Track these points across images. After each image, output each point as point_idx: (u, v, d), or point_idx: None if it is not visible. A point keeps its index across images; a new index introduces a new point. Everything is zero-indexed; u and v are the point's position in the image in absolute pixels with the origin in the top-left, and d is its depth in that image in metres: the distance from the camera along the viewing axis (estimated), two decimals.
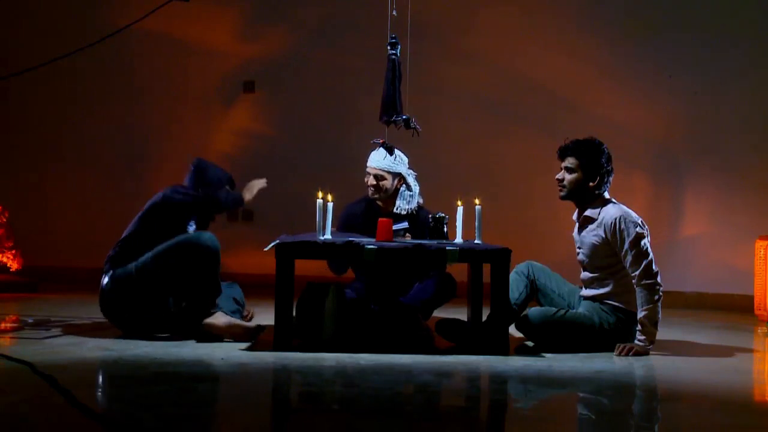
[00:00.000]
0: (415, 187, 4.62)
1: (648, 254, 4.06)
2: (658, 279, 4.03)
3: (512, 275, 4.24)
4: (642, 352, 3.98)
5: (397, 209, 4.57)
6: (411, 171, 4.63)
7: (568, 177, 4.24)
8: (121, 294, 4.12)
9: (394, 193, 4.58)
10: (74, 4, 7.18)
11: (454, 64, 6.85)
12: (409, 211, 4.58)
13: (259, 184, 4.66)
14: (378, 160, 4.54)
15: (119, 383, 3.39)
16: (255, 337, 4.06)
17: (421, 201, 4.66)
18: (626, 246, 4.07)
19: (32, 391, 3.02)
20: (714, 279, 6.44)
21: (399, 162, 4.55)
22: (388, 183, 4.55)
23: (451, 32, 6.91)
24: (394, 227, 4.32)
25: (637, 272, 4.03)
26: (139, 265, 4.11)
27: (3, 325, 4.62)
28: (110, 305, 4.17)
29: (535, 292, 4.40)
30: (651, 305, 3.99)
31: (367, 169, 4.58)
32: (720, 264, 6.46)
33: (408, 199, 4.59)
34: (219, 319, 4.08)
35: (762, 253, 5.52)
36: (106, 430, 2.53)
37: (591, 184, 4.22)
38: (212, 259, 4.10)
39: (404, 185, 4.59)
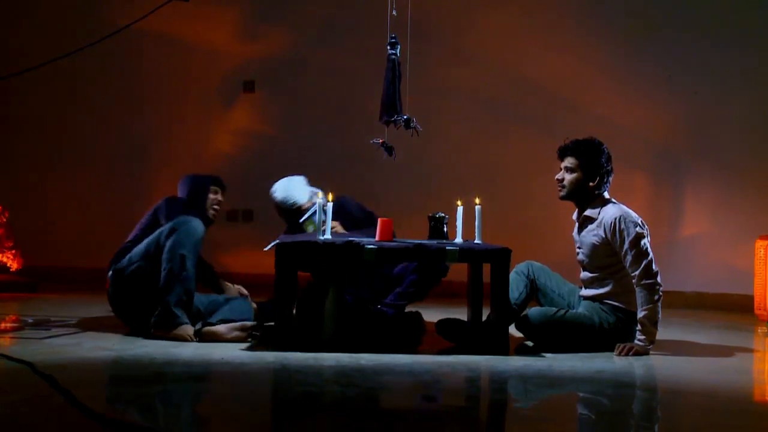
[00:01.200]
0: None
1: (648, 254, 4.06)
2: (658, 279, 4.03)
3: (512, 275, 4.24)
4: (642, 352, 3.98)
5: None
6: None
7: (568, 177, 4.24)
8: (125, 279, 4.22)
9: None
10: (74, 4, 7.18)
11: (454, 64, 6.85)
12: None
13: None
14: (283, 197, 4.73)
15: (119, 383, 3.39)
16: (252, 334, 4.07)
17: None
18: (626, 246, 4.07)
19: (32, 391, 3.02)
20: (714, 279, 6.44)
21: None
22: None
23: (451, 32, 6.91)
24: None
25: (637, 272, 4.03)
26: (138, 251, 4.25)
27: (3, 325, 4.62)
28: (116, 292, 4.26)
29: (535, 291, 4.40)
30: (651, 305, 3.99)
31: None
32: (720, 264, 6.46)
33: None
34: (218, 326, 4.08)
35: (762, 253, 5.52)
36: (106, 430, 2.53)
37: (591, 184, 4.22)
38: (194, 236, 4.15)
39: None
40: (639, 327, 4.02)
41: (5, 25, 7.20)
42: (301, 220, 4.73)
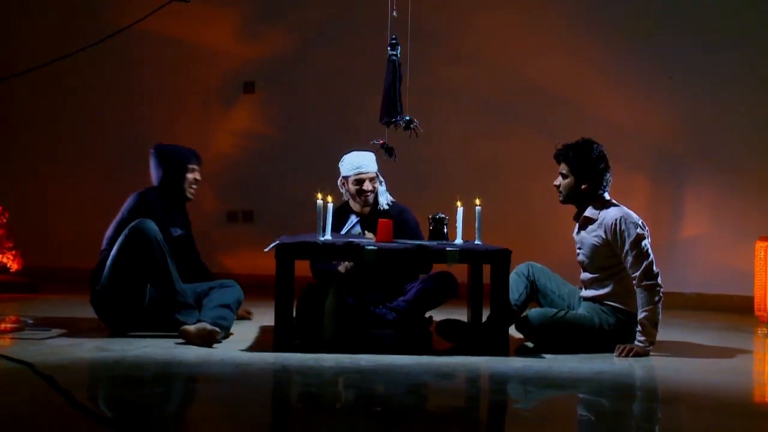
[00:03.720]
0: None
1: (648, 255, 4.06)
2: (659, 280, 4.03)
3: (512, 276, 4.24)
4: (642, 353, 3.98)
5: (381, 207, 4.58)
6: None
7: (563, 182, 4.25)
8: (102, 295, 4.25)
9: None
10: (74, 4, 7.17)
11: (455, 65, 6.85)
12: (389, 203, 4.61)
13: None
14: (372, 162, 4.55)
15: (119, 383, 3.39)
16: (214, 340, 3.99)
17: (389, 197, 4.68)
18: (627, 247, 4.07)
19: (32, 391, 3.02)
20: (714, 280, 6.43)
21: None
22: (376, 183, 4.60)
23: (451, 33, 6.90)
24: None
25: (637, 273, 4.03)
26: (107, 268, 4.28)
27: (3, 325, 4.62)
28: (99, 305, 4.31)
29: (535, 292, 4.39)
30: (651, 306, 3.99)
31: (364, 175, 4.54)
32: (720, 265, 6.45)
33: (385, 193, 4.62)
34: (191, 327, 4.02)
35: (762, 254, 5.52)
36: (106, 430, 2.53)
37: (583, 186, 4.21)
38: (150, 245, 4.13)
39: (381, 182, 4.64)
40: (639, 328, 4.02)
41: (5, 25, 7.19)
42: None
